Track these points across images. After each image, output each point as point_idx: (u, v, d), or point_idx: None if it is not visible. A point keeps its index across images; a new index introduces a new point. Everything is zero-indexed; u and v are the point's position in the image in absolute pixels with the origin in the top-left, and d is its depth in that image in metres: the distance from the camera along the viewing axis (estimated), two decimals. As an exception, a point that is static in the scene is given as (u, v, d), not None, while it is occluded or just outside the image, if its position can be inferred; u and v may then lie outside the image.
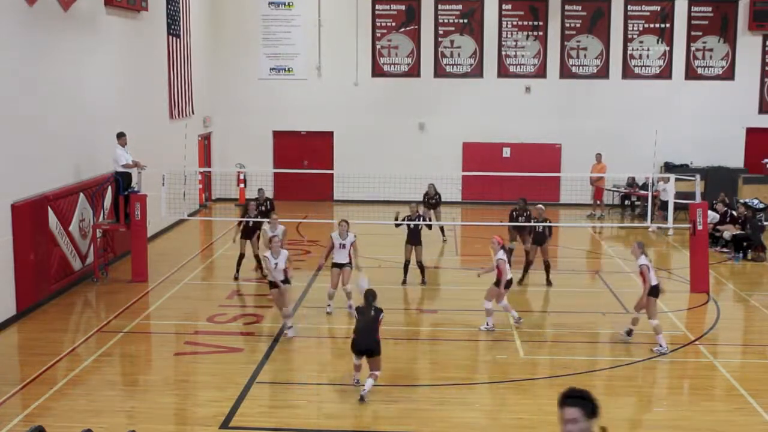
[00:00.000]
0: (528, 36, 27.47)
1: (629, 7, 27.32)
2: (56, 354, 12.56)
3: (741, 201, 22.94)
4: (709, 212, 18.90)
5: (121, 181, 17.21)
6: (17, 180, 14.45)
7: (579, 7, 27.36)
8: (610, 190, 26.46)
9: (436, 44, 27.60)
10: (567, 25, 27.42)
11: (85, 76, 17.40)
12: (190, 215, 22.21)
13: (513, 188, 22.55)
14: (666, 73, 27.46)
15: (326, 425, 10.27)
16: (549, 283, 16.89)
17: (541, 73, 27.53)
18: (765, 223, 21.17)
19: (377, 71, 27.72)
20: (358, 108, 27.56)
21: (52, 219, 15.52)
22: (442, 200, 21.54)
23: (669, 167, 25.91)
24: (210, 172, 27.05)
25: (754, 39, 27.19)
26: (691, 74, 27.44)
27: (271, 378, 11.78)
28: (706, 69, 27.43)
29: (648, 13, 27.36)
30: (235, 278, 17.12)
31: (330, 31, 27.45)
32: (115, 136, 17.30)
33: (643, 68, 27.50)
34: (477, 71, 27.56)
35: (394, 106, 27.58)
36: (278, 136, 28.22)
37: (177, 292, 16.39)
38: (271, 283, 13.58)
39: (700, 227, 16.52)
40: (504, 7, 27.35)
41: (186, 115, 24.18)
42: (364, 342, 11.14)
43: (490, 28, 27.42)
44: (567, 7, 27.34)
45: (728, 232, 20.45)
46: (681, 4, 27.22)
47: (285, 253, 13.50)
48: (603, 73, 27.51)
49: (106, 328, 13.95)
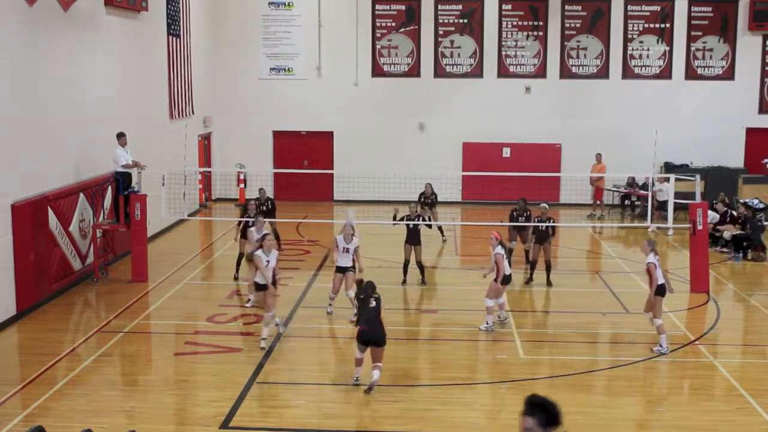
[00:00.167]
0: (528, 36, 27.47)
1: (629, 7, 27.31)
2: (56, 354, 12.56)
3: (741, 201, 22.94)
4: (709, 212, 18.90)
5: (121, 181, 17.21)
6: (17, 180, 14.45)
7: (579, 7, 27.36)
8: (610, 190, 26.46)
9: (436, 44, 27.60)
10: (567, 25, 27.42)
11: (85, 76, 17.40)
12: (190, 215, 22.21)
13: (513, 188, 22.53)
14: (666, 73, 27.46)
15: (326, 425, 10.27)
16: (549, 284, 16.88)
17: (541, 73, 27.53)
18: (765, 223, 21.17)
19: (377, 71, 27.72)
20: (358, 108, 27.56)
21: (52, 219, 15.52)
22: (442, 200, 21.54)
23: (669, 167, 25.90)
24: (210, 172, 27.04)
25: (754, 39, 27.19)
26: (691, 74, 27.44)
27: (271, 378, 11.78)
28: (706, 69, 27.43)
29: (648, 13, 27.36)
30: (235, 278, 17.13)
31: (330, 31, 27.45)
32: (115, 136, 17.31)
33: (643, 68, 27.50)
34: (477, 71, 27.56)
35: (394, 106, 27.57)
36: (278, 136, 28.22)
37: (177, 292, 16.40)
38: (257, 284, 13.40)
39: (700, 227, 16.51)
40: (504, 7, 27.35)
41: (186, 115, 24.19)
42: (371, 333, 11.25)
43: (490, 28, 27.41)
44: (567, 7, 27.34)
45: (728, 232, 20.44)
46: (681, 4, 27.22)
47: (276, 252, 13.45)
48: (603, 73, 27.51)
49: (106, 328, 13.95)
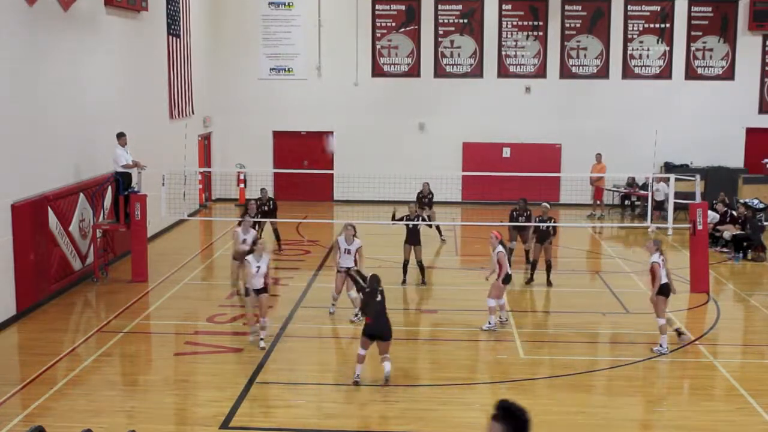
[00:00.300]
0: (528, 36, 27.47)
1: (629, 7, 27.31)
2: (56, 354, 12.56)
3: (741, 201, 22.93)
4: (709, 212, 18.89)
5: (121, 181, 17.20)
6: (17, 180, 14.45)
7: (579, 7, 27.35)
8: (610, 190, 26.45)
9: (436, 44, 27.60)
10: (567, 25, 27.42)
11: (85, 76, 17.40)
12: (190, 215, 22.21)
13: (513, 188, 22.52)
14: (666, 73, 27.45)
15: (326, 425, 10.27)
16: (549, 284, 16.88)
17: (541, 73, 27.52)
18: (765, 223, 21.16)
19: (377, 71, 27.72)
20: (358, 108, 27.55)
21: (52, 219, 15.52)
22: (443, 200, 21.52)
23: (669, 167, 25.89)
24: (210, 172, 27.04)
25: (754, 39, 27.18)
26: (691, 74, 27.43)
27: (271, 378, 11.78)
28: (706, 69, 27.42)
29: (648, 13, 27.36)
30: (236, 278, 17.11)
31: (330, 31, 27.44)
32: (115, 136, 17.30)
33: (643, 68, 27.49)
34: (477, 71, 27.56)
35: (394, 106, 27.57)
36: (278, 136, 28.22)
37: (177, 292, 16.39)
38: (247, 289, 12.97)
39: (700, 227, 16.51)
40: (504, 7, 27.35)
41: (186, 115, 24.18)
42: (379, 326, 11.33)
43: (490, 28, 27.41)
44: (567, 7, 27.34)
45: (728, 232, 20.44)
46: (681, 4, 27.21)
47: (267, 256, 13.12)
48: (603, 73, 27.50)
49: (106, 328, 13.95)
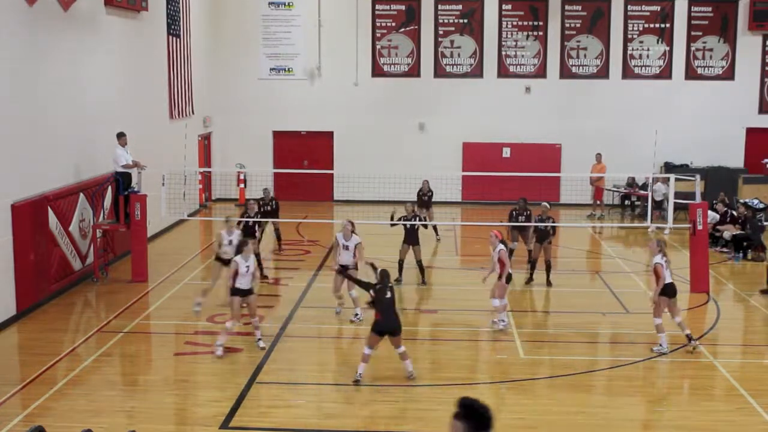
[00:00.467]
0: (528, 36, 27.46)
1: (629, 7, 27.30)
2: (56, 354, 12.56)
3: (741, 201, 22.93)
4: (709, 212, 18.89)
5: (121, 181, 17.21)
6: (17, 180, 14.45)
7: (579, 7, 27.35)
8: (610, 190, 26.45)
9: (436, 44, 27.60)
10: (567, 25, 27.42)
11: (85, 76, 17.40)
12: (190, 215, 22.20)
13: (513, 188, 22.51)
14: (666, 73, 27.45)
15: (326, 425, 10.27)
16: (549, 284, 16.88)
17: (541, 73, 27.52)
18: (765, 223, 21.16)
19: (377, 71, 27.72)
20: (358, 108, 27.55)
21: (52, 219, 15.52)
22: (443, 200, 21.50)
23: (669, 167, 25.89)
24: (210, 172, 27.04)
25: (754, 39, 27.18)
26: (691, 74, 27.43)
27: (271, 378, 11.77)
28: (706, 69, 27.42)
29: (648, 13, 27.36)
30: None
31: (330, 31, 27.43)
32: (115, 136, 17.31)
33: (643, 68, 27.49)
34: (477, 71, 27.55)
35: (394, 106, 27.57)
36: (278, 136, 28.22)
37: (177, 292, 16.38)
38: (239, 290, 12.67)
39: (700, 227, 16.51)
40: (504, 7, 27.34)
41: (186, 115, 24.18)
42: (387, 323, 11.37)
43: (490, 28, 27.41)
44: (567, 7, 27.33)
45: (728, 232, 20.44)
46: (681, 4, 27.21)
47: (254, 258, 13.01)
48: (603, 73, 27.50)
49: (106, 328, 13.95)
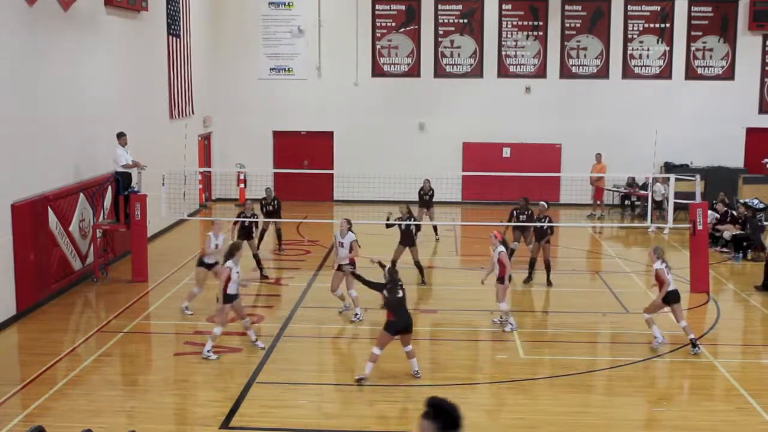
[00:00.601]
0: (528, 36, 27.46)
1: (629, 7, 27.30)
2: (56, 354, 12.56)
3: (741, 201, 22.93)
4: (709, 212, 18.88)
5: (121, 181, 17.20)
6: (17, 180, 14.44)
7: (579, 7, 27.35)
8: (610, 190, 26.45)
9: (436, 44, 27.60)
10: (567, 25, 27.42)
11: (85, 76, 17.40)
12: (190, 215, 22.20)
13: (513, 188, 22.53)
14: (666, 73, 27.45)
15: (326, 425, 10.27)
16: (549, 284, 16.87)
17: (541, 73, 27.52)
18: (765, 223, 21.16)
19: (377, 71, 27.72)
20: (358, 108, 27.55)
21: (52, 219, 15.52)
22: (442, 200, 21.47)
23: (669, 167, 25.89)
24: (210, 172, 27.04)
25: (754, 39, 27.18)
26: (691, 74, 27.43)
27: (271, 378, 11.77)
28: (706, 69, 27.42)
29: (648, 13, 27.35)
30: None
31: (330, 31, 27.44)
32: (115, 136, 17.31)
33: (643, 68, 27.49)
34: (477, 71, 27.55)
35: (394, 106, 27.57)
36: (278, 136, 28.22)
37: (177, 292, 16.36)
38: (228, 296, 12.46)
39: (700, 227, 16.51)
40: (504, 7, 27.34)
41: (186, 115, 24.18)
42: (401, 321, 11.44)
43: (490, 28, 27.41)
44: (567, 7, 27.33)
45: (728, 232, 20.44)
46: (681, 4, 27.21)
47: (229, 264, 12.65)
48: (603, 73, 27.50)
49: (106, 328, 13.95)
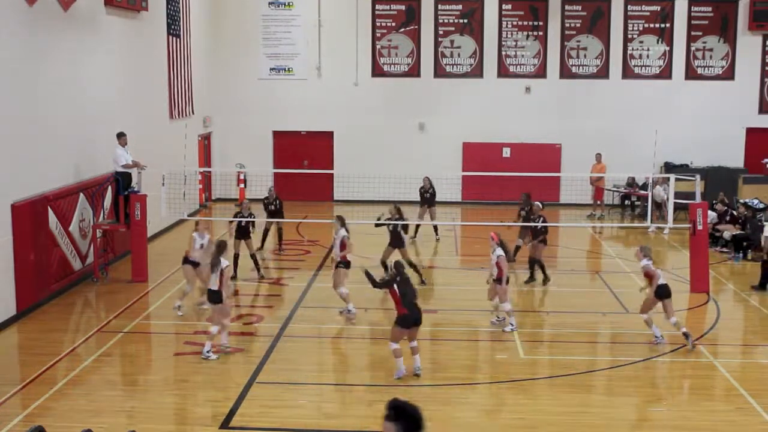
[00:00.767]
0: (528, 36, 27.46)
1: (629, 7, 27.30)
2: (56, 354, 12.56)
3: (741, 201, 22.93)
4: (709, 212, 18.87)
5: (121, 181, 17.21)
6: (17, 180, 14.44)
7: (579, 7, 27.35)
8: (610, 190, 26.45)
9: (436, 44, 27.59)
10: (567, 25, 27.41)
11: (85, 76, 17.39)
12: (190, 215, 22.17)
13: (513, 188, 22.51)
14: (666, 73, 27.45)
15: (326, 425, 10.27)
16: (546, 279, 16.87)
17: (541, 73, 27.52)
18: (765, 223, 21.13)
19: (377, 71, 27.72)
20: (358, 108, 27.54)
21: (52, 219, 15.52)
22: (442, 200, 21.43)
23: (669, 167, 25.88)
24: (210, 172, 27.04)
25: (754, 39, 27.18)
26: (691, 74, 27.43)
27: (271, 378, 11.77)
28: (706, 69, 27.42)
29: (648, 13, 27.35)
30: (233, 278, 17.04)
31: (330, 31, 27.44)
32: (115, 136, 17.31)
33: (643, 68, 27.49)
34: (477, 71, 27.55)
35: (394, 106, 27.56)
36: (278, 136, 28.22)
37: (177, 292, 16.33)
38: (215, 294, 12.45)
39: (700, 227, 16.51)
40: (504, 7, 27.34)
41: (186, 115, 24.18)
42: (415, 314, 11.56)
43: (490, 28, 27.41)
44: (567, 7, 27.33)
45: (728, 232, 20.44)
46: (681, 4, 27.21)
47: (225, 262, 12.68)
48: (603, 73, 27.50)
49: (106, 328, 13.95)
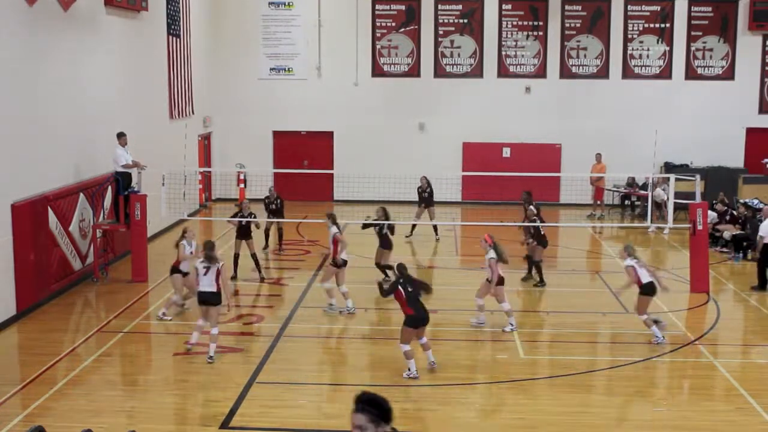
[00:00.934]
0: (528, 36, 27.46)
1: (629, 7, 27.30)
2: (56, 354, 12.56)
3: (741, 201, 22.93)
4: (709, 212, 18.87)
5: (121, 181, 17.21)
6: (17, 180, 14.44)
7: (579, 7, 27.35)
8: (610, 190, 26.45)
9: (436, 44, 27.59)
10: (567, 25, 27.42)
11: (85, 76, 17.40)
12: (190, 215, 22.17)
13: (513, 188, 22.50)
14: (666, 73, 27.45)
15: (326, 425, 10.28)
16: (541, 281, 16.88)
17: (541, 73, 27.52)
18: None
19: (377, 71, 27.72)
20: (358, 108, 27.55)
21: (52, 219, 15.52)
22: (442, 200, 21.43)
23: (669, 167, 25.88)
24: (210, 172, 27.04)
25: (754, 39, 27.18)
26: (691, 74, 27.43)
27: (271, 378, 11.77)
28: (706, 69, 27.42)
29: (648, 13, 27.35)
30: (233, 278, 17.06)
31: (330, 31, 27.44)
32: (115, 136, 17.31)
33: (643, 68, 27.49)
34: (477, 71, 27.55)
35: (394, 106, 27.57)
36: (278, 136, 28.22)
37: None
38: (215, 294, 12.45)
39: (700, 227, 16.51)
40: (504, 7, 27.34)
41: (186, 115, 24.18)
42: (422, 313, 11.62)
43: (490, 28, 27.41)
44: (567, 7, 27.33)
45: (728, 232, 20.44)
46: (681, 4, 27.21)
47: (219, 263, 12.67)
48: (603, 73, 27.50)
49: (106, 328, 13.95)
